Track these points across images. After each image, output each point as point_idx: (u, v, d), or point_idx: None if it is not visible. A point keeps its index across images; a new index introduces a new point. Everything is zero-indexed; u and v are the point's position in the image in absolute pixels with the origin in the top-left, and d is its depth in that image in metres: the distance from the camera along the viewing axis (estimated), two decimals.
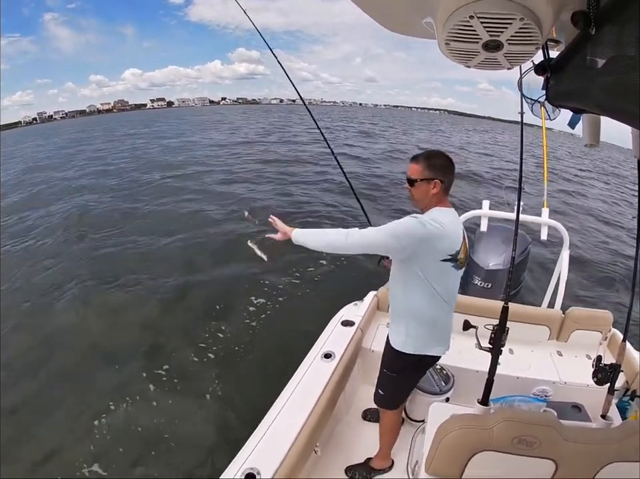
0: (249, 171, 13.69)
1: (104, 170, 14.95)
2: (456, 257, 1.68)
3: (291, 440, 1.73)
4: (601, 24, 0.62)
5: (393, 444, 2.16)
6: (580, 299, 5.62)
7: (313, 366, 2.21)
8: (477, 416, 1.56)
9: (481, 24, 0.74)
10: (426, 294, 1.73)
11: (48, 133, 43.74)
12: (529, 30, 0.75)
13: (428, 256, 1.64)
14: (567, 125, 1.54)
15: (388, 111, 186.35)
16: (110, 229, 8.02)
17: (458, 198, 10.15)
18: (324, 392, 2.04)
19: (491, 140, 38.95)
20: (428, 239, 1.60)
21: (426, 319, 1.77)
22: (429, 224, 1.60)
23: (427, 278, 1.70)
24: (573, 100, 0.85)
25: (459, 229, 1.72)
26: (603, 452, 1.40)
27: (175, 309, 5.15)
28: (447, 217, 1.69)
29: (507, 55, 0.84)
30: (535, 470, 1.42)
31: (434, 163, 1.70)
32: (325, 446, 2.25)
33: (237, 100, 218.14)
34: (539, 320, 2.70)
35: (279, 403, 1.94)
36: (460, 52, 0.86)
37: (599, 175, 22.60)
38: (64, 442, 3.12)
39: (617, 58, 0.60)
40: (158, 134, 30.09)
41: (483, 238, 3.47)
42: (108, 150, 21.53)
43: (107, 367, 4.00)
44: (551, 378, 2.40)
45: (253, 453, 1.65)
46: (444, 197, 1.74)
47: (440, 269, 1.68)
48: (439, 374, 2.39)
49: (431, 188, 1.70)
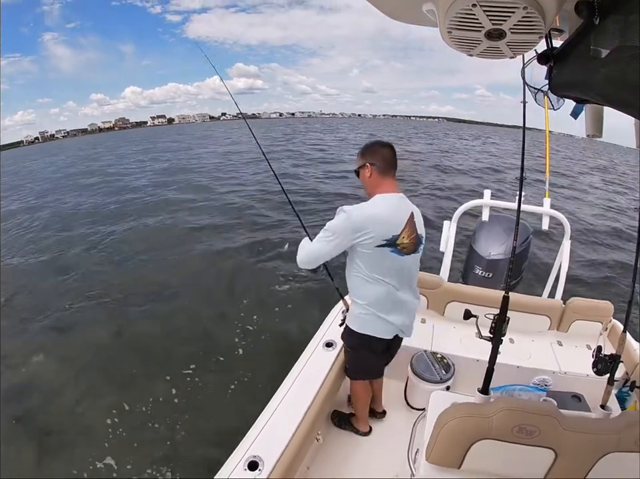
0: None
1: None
2: (394, 242, 1.74)
3: (293, 428, 1.75)
4: (605, 14, 0.61)
5: (365, 412, 2.30)
6: (581, 289, 5.63)
7: (315, 355, 2.23)
8: (477, 405, 1.57)
9: (484, 12, 0.73)
10: (364, 280, 1.83)
11: (54, 151, 43.13)
12: (532, 19, 0.74)
13: (360, 244, 1.73)
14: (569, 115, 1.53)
15: (387, 121, 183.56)
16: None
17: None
18: (325, 381, 2.06)
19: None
20: (356, 228, 1.70)
21: (369, 302, 1.87)
22: (353, 214, 1.71)
23: (363, 265, 1.80)
24: (576, 90, 0.84)
25: (401, 213, 1.79)
26: (602, 441, 1.41)
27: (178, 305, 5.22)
28: (385, 202, 1.77)
29: (510, 44, 0.83)
30: (535, 458, 1.44)
31: (364, 150, 1.87)
32: (327, 434, 2.28)
33: (237, 115, 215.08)
34: (540, 310, 2.70)
35: (280, 392, 1.96)
36: (462, 40, 0.84)
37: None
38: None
39: (620, 48, 0.59)
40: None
41: (485, 228, 3.45)
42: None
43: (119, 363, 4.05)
44: (551, 368, 2.41)
45: (255, 441, 1.67)
46: (385, 180, 1.82)
47: (375, 255, 1.75)
48: (440, 363, 2.40)
49: (366, 173, 1.83)
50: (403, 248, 1.77)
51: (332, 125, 72.89)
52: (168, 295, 5.51)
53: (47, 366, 4.07)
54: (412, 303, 1.97)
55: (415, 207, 1.88)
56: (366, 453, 2.23)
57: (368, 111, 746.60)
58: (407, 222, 1.77)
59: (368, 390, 2.26)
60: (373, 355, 2.04)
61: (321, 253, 1.79)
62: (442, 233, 3.44)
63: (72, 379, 3.84)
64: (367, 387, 2.23)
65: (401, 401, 2.52)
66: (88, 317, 5.09)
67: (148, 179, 15.37)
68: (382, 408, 2.43)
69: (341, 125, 74.04)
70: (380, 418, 2.42)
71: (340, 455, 2.20)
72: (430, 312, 2.84)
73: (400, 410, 2.48)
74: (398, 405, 2.51)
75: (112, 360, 4.09)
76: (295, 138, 35.15)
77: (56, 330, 4.83)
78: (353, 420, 2.34)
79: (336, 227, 1.74)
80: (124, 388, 3.67)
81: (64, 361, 4.15)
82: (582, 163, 27.86)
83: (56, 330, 4.83)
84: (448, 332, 2.66)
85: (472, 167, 17.91)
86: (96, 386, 3.71)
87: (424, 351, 2.48)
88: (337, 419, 2.38)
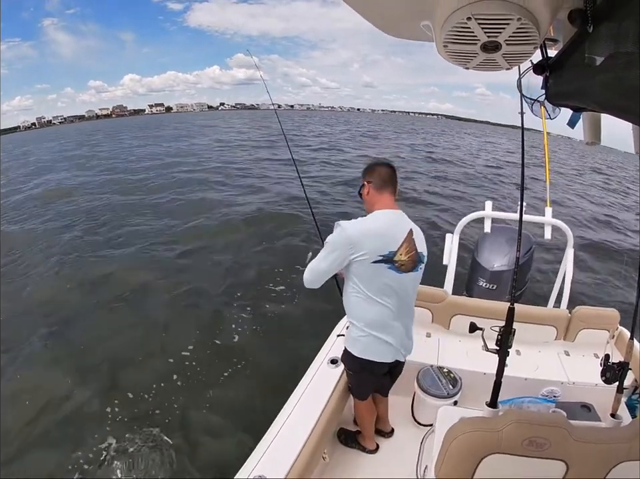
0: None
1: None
2: (391, 259, 1.72)
3: (299, 447, 1.72)
4: (599, 22, 0.62)
5: (370, 430, 2.26)
6: (586, 298, 5.59)
7: (320, 372, 2.21)
8: (486, 419, 1.54)
9: (479, 25, 0.75)
10: (360, 298, 1.80)
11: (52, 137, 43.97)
12: (526, 30, 0.75)
13: (357, 259, 1.71)
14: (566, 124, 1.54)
15: (386, 116, 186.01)
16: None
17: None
18: (331, 399, 2.03)
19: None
20: (351, 242, 1.69)
21: (366, 323, 1.84)
22: (348, 228, 1.71)
23: (359, 282, 1.78)
24: (573, 98, 0.85)
25: (398, 229, 1.77)
26: (613, 451, 1.38)
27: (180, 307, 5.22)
28: (381, 218, 1.78)
29: (506, 55, 0.84)
30: (546, 471, 1.41)
31: (364, 170, 1.91)
32: (333, 452, 2.24)
33: (236, 106, 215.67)
34: (546, 321, 2.68)
35: (286, 409, 1.94)
36: (458, 54, 0.86)
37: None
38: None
39: (615, 55, 0.60)
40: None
41: (487, 239, 3.45)
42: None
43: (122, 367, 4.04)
44: (559, 379, 2.38)
45: (261, 460, 1.65)
46: (382, 196, 1.83)
47: (372, 271, 1.73)
48: (446, 378, 2.37)
49: (365, 192, 1.86)
50: (401, 265, 1.75)
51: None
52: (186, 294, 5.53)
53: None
54: (409, 322, 1.95)
55: (415, 225, 1.87)
56: (374, 471, 2.18)
57: (367, 105, 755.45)
58: (405, 238, 1.75)
59: (372, 409, 2.23)
60: (375, 377, 2.02)
61: (320, 270, 1.78)
62: (444, 246, 3.44)
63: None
64: (371, 406, 2.20)
65: (408, 417, 2.48)
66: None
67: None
68: (389, 427, 2.39)
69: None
70: (389, 437, 2.38)
71: (347, 473, 2.16)
72: (435, 326, 2.82)
73: (408, 426, 2.44)
74: (405, 421, 2.46)
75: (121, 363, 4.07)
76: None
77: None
78: (360, 437, 2.30)
79: (333, 241, 1.74)
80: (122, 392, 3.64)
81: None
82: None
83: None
84: (454, 346, 2.63)
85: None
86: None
87: (430, 366, 2.45)
88: (344, 437, 2.34)
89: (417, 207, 10.25)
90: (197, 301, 5.45)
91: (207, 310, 5.24)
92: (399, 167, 1.98)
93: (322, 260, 1.77)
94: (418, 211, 9.53)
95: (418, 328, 2.74)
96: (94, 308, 5.24)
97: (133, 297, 5.53)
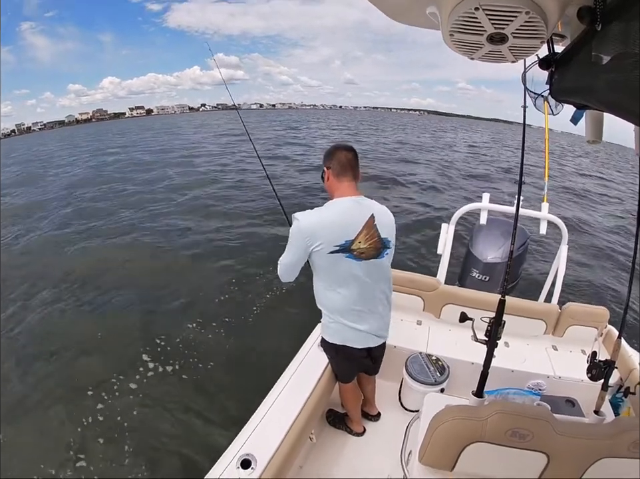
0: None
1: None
2: (348, 248, 1.69)
3: (286, 427, 1.75)
4: (607, 21, 0.62)
5: (356, 413, 2.31)
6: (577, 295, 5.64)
7: (309, 355, 2.23)
8: (471, 408, 1.57)
9: (487, 16, 0.73)
10: (323, 287, 1.83)
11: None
12: (534, 24, 0.74)
13: (314, 251, 1.71)
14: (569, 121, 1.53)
15: (368, 113, 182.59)
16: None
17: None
18: (320, 381, 2.06)
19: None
20: (305, 234, 1.68)
21: (331, 311, 1.87)
22: (302, 220, 1.69)
23: (320, 272, 1.80)
24: (577, 95, 0.84)
25: (355, 217, 1.72)
26: (595, 447, 1.41)
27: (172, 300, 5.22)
28: (336, 206, 1.74)
29: (512, 48, 0.83)
30: (527, 462, 1.44)
31: (324, 155, 1.84)
32: (320, 433, 2.28)
33: (217, 106, 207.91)
34: (536, 315, 2.71)
35: (275, 390, 1.96)
36: (464, 43, 0.84)
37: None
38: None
39: (622, 55, 0.59)
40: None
41: (483, 231, 3.46)
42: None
43: (99, 359, 4.06)
44: (545, 372, 2.42)
45: (248, 440, 1.67)
46: (341, 183, 1.77)
47: (330, 262, 1.72)
48: (435, 365, 2.40)
49: (326, 178, 1.82)
50: (361, 253, 1.71)
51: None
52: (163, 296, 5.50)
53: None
54: (382, 308, 1.93)
55: (381, 209, 1.81)
56: (360, 453, 2.23)
57: (349, 103, 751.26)
58: (365, 225, 1.71)
59: (357, 394, 2.26)
60: (353, 361, 2.04)
61: (287, 263, 1.79)
62: (439, 236, 3.44)
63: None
64: (356, 390, 2.24)
65: (395, 402, 2.53)
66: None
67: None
68: (376, 410, 2.43)
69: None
70: (375, 421, 2.42)
71: (333, 455, 2.20)
72: (426, 314, 2.84)
73: (394, 411, 2.48)
74: (392, 406, 2.51)
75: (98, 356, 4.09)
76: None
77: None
78: (347, 420, 2.34)
79: (291, 234, 1.74)
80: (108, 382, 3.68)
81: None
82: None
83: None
84: (444, 335, 2.66)
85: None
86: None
87: (419, 353, 2.48)
88: (332, 418, 2.39)
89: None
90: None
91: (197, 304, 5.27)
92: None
93: (286, 254, 1.79)
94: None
95: (408, 316, 2.76)
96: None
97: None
